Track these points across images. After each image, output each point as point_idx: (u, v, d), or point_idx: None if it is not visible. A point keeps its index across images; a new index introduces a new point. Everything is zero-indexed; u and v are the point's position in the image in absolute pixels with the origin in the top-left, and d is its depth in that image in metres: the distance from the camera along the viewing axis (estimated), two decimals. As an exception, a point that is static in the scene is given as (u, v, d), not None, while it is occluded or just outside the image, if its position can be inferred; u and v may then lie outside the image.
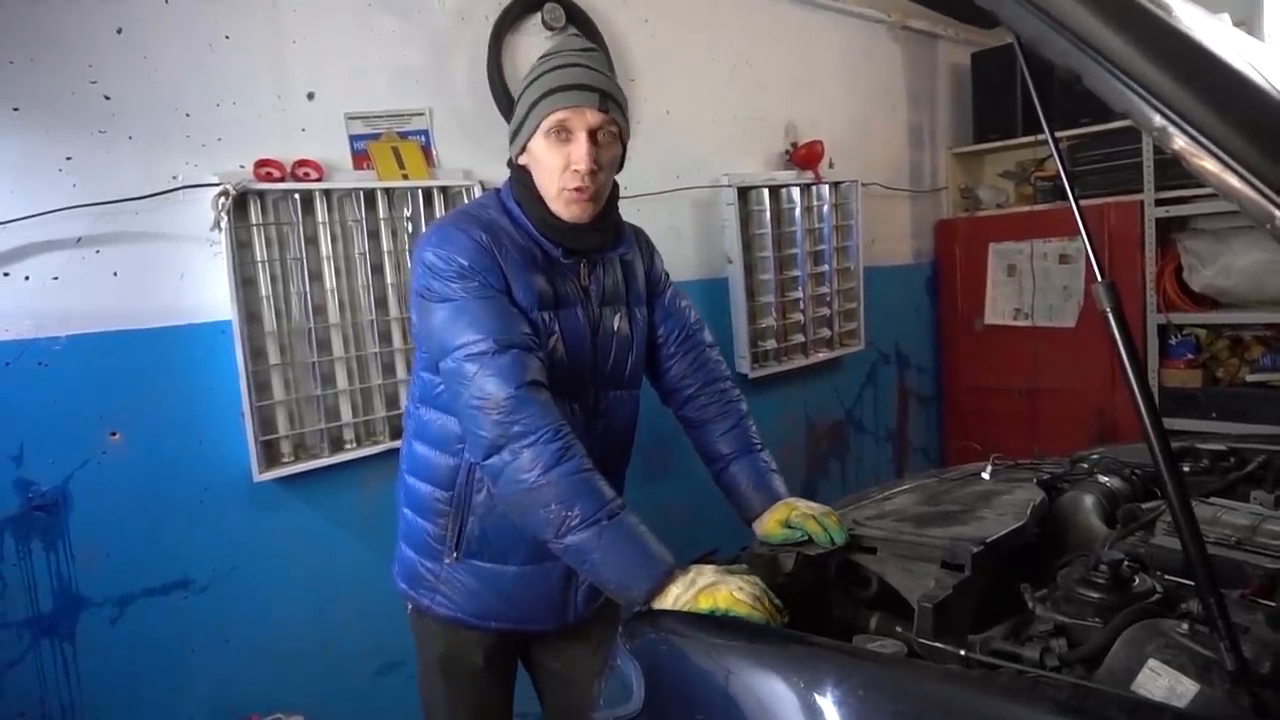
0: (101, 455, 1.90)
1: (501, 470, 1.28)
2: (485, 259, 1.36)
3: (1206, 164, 0.65)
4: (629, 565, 1.24)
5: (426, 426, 1.48)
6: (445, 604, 1.52)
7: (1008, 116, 3.94)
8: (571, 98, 1.36)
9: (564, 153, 1.37)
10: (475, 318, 1.31)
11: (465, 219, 1.41)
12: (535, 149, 1.40)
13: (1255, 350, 3.35)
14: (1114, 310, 0.82)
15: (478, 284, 1.34)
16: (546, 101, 1.36)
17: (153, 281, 1.96)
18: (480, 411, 1.28)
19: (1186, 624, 0.94)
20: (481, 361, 1.29)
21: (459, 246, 1.36)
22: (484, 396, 1.28)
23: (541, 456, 1.24)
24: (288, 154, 2.10)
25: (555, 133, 1.37)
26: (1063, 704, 0.83)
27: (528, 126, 1.39)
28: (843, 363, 3.72)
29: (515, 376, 1.28)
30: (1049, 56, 0.73)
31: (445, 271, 1.35)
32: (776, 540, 1.45)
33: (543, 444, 1.25)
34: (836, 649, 1.05)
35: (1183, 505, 0.81)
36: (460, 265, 1.34)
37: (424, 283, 1.37)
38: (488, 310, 1.32)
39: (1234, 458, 1.76)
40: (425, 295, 1.37)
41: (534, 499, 1.25)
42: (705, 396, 1.64)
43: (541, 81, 1.38)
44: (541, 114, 1.37)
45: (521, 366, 1.29)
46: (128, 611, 1.93)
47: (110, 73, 1.88)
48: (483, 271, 1.35)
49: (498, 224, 1.42)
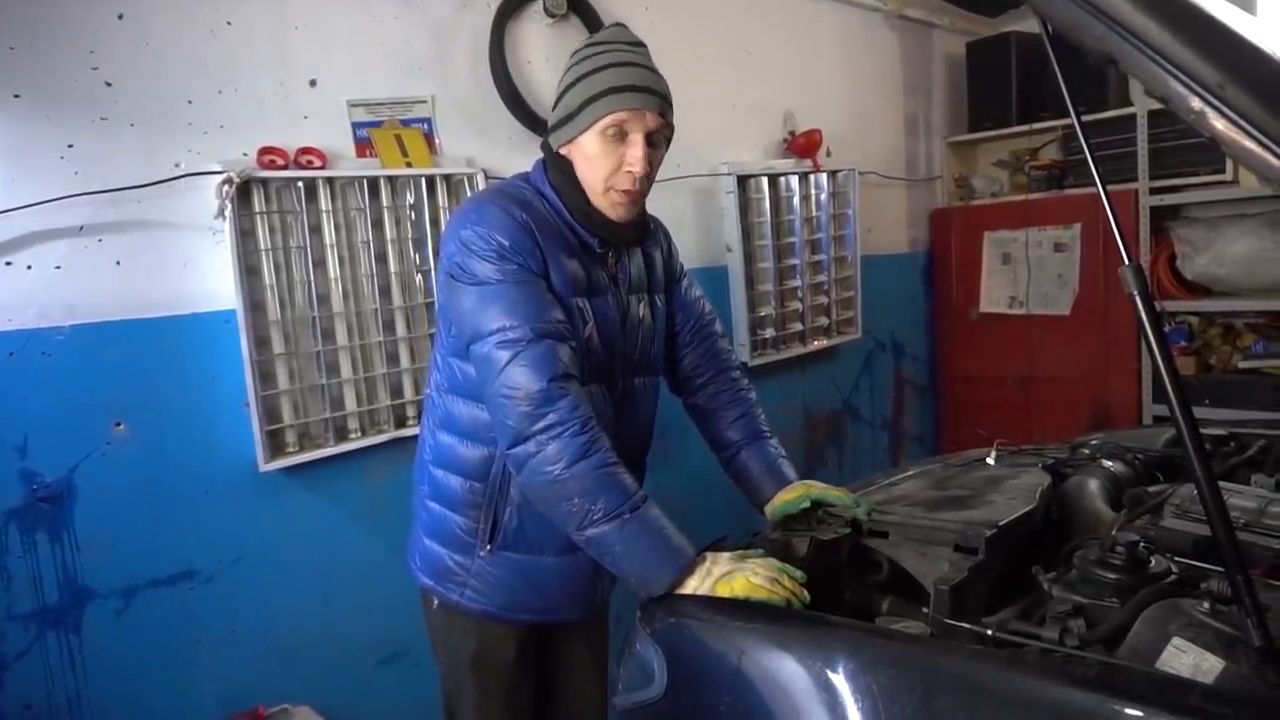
0: (106, 446, 1.88)
1: (526, 461, 1.27)
2: (526, 239, 1.33)
3: (1247, 145, 0.66)
4: (650, 559, 1.24)
5: (455, 417, 1.46)
6: (475, 598, 1.50)
7: (1002, 106, 3.95)
8: (634, 99, 1.34)
9: (618, 153, 1.36)
10: (511, 303, 1.29)
11: (503, 196, 1.38)
12: (586, 144, 1.37)
13: (1247, 338, 3.39)
14: (1140, 293, 0.83)
15: (516, 266, 1.32)
16: (606, 100, 1.33)
17: (156, 270, 1.94)
18: (510, 401, 1.27)
19: (1208, 603, 0.95)
20: (515, 349, 1.27)
21: (499, 225, 1.33)
22: (515, 386, 1.26)
23: (567, 450, 1.24)
24: (291, 142, 2.08)
25: (612, 132, 1.35)
26: (1092, 680, 0.84)
27: (581, 120, 1.36)
28: (840, 351, 3.73)
29: (548, 368, 1.27)
30: (1084, 42, 0.74)
31: (484, 250, 1.32)
32: (792, 505, 1.46)
33: (569, 437, 1.24)
34: (863, 630, 1.06)
35: (1210, 484, 0.82)
36: (500, 244, 1.32)
37: (458, 260, 1.34)
38: (524, 295, 1.30)
39: (1234, 442, 1.79)
40: (458, 275, 1.34)
41: (558, 491, 1.25)
42: (717, 385, 1.66)
43: (599, 77, 1.34)
44: (599, 112, 1.34)
45: (554, 357, 1.28)
46: (133, 603, 1.92)
47: (111, 59, 1.86)
48: (523, 253, 1.32)
49: (534, 205, 1.40)
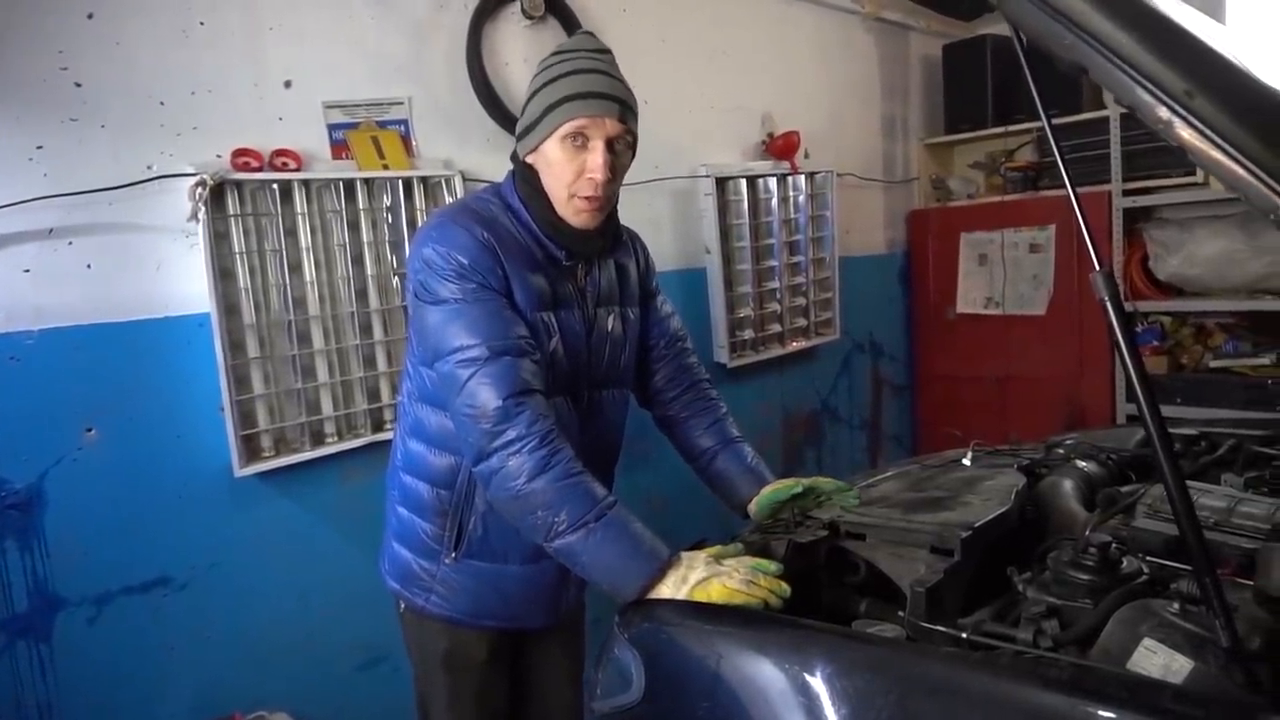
0: (77, 452, 1.86)
1: (490, 477, 1.28)
2: (487, 258, 1.34)
3: (1212, 154, 0.67)
4: (617, 566, 1.25)
5: (424, 424, 1.47)
6: (440, 604, 1.52)
7: (978, 108, 3.99)
8: (592, 107, 1.34)
9: (579, 160, 1.36)
10: (470, 321, 1.30)
11: (467, 214, 1.39)
12: (548, 152, 1.38)
13: (1218, 337, 3.44)
14: (1112, 299, 0.84)
15: (476, 285, 1.33)
16: (566, 107, 1.34)
17: (128, 274, 1.92)
18: (470, 419, 1.28)
19: (1178, 603, 0.97)
20: (474, 368, 1.28)
21: (460, 244, 1.34)
22: (474, 405, 1.28)
23: (527, 465, 1.25)
24: (265, 143, 2.06)
25: (572, 139, 1.35)
26: (1065, 683, 0.85)
27: (542, 128, 1.37)
28: (818, 352, 3.75)
29: (506, 385, 1.27)
30: (1054, 50, 0.75)
31: (443, 269, 1.33)
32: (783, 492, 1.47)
33: (528, 452, 1.25)
34: (838, 634, 1.07)
35: (1179, 486, 0.83)
36: (460, 263, 1.33)
37: (420, 279, 1.36)
38: (483, 313, 1.31)
39: (1204, 442, 1.81)
40: (420, 294, 1.36)
41: (522, 505, 1.26)
42: (688, 396, 1.67)
43: (560, 84, 1.35)
44: (560, 119, 1.35)
45: (513, 374, 1.29)
46: (106, 611, 1.90)
47: (81, 59, 1.83)
48: (483, 271, 1.33)
49: (499, 221, 1.40)
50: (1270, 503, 1.34)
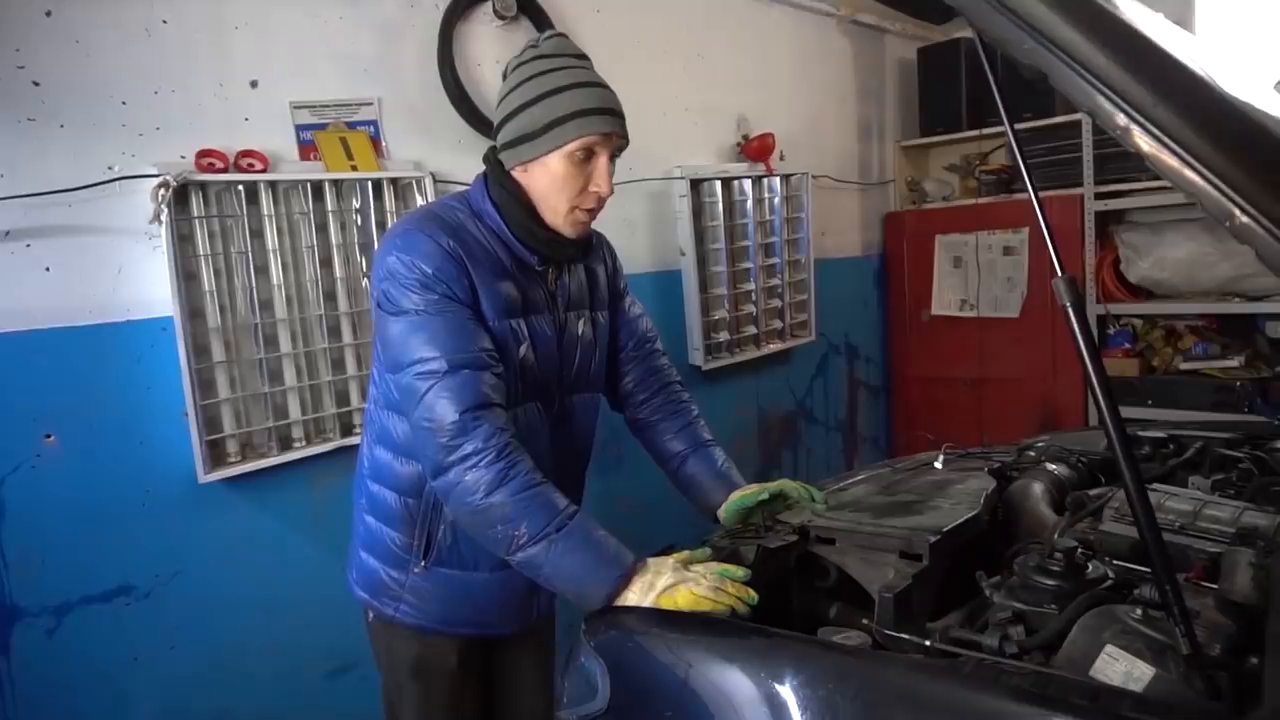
0: (35, 459, 1.82)
1: (449, 492, 1.27)
2: (451, 267, 1.32)
3: (1169, 161, 0.66)
4: (580, 576, 1.23)
5: (391, 432, 1.45)
6: (410, 613, 1.50)
7: (952, 111, 4.01)
8: (605, 123, 1.34)
9: (584, 173, 1.36)
10: (432, 334, 1.29)
11: (432, 222, 1.36)
12: (553, 165, 1.35)
13: (1188, 340, 3.47)
14: (1074, 305, 0.83)
15: (439, 296, 1.31)
16: (578, 123, 1.32)
17: (88, 277, 1.88)
18: (428, 433, 1.27)
19: (1140, 609, 0.96)
20: (433, 380, 1.27)
21: (424, 252, 1.31)
22: (431, 419, 1.26)
23: (485, 478, 1.23)
24: (231, 144, 2.03)
25: (580, 155, 1.34)
26: (1026, 691, 0.85)
27: (546, 141, 1.34)
28: (794, 354, 3.75)
29: (464, 399, 1.26)
30: (1015, 55, 0.74)
31: (406, 279, 1.31)
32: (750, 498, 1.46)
33: (484, 467, 1.24)
34: (801, 642, 1.06)
35: (1140, 495, 0.83)
36: (424, 273, 1.30)
37: (382, 288, 1.34)
38: (444, 326, 1.29)
39: (1172, 444, 1.83)
40: (381, 303, 1.34)
41: (482, 519, 1.25)
42: (659, 399, 1.66)
43: (565, 98, 1.33)
44: (570, 134, 1.33)
45: (471, 387, 1.27)
46: (66, 621, 1.86)
47: (39, 58, 1.79)
48: (447, 280, 1.31)
49: (465, 228, 1.38)
50: (1236, 506, 1.35)
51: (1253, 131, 0.70)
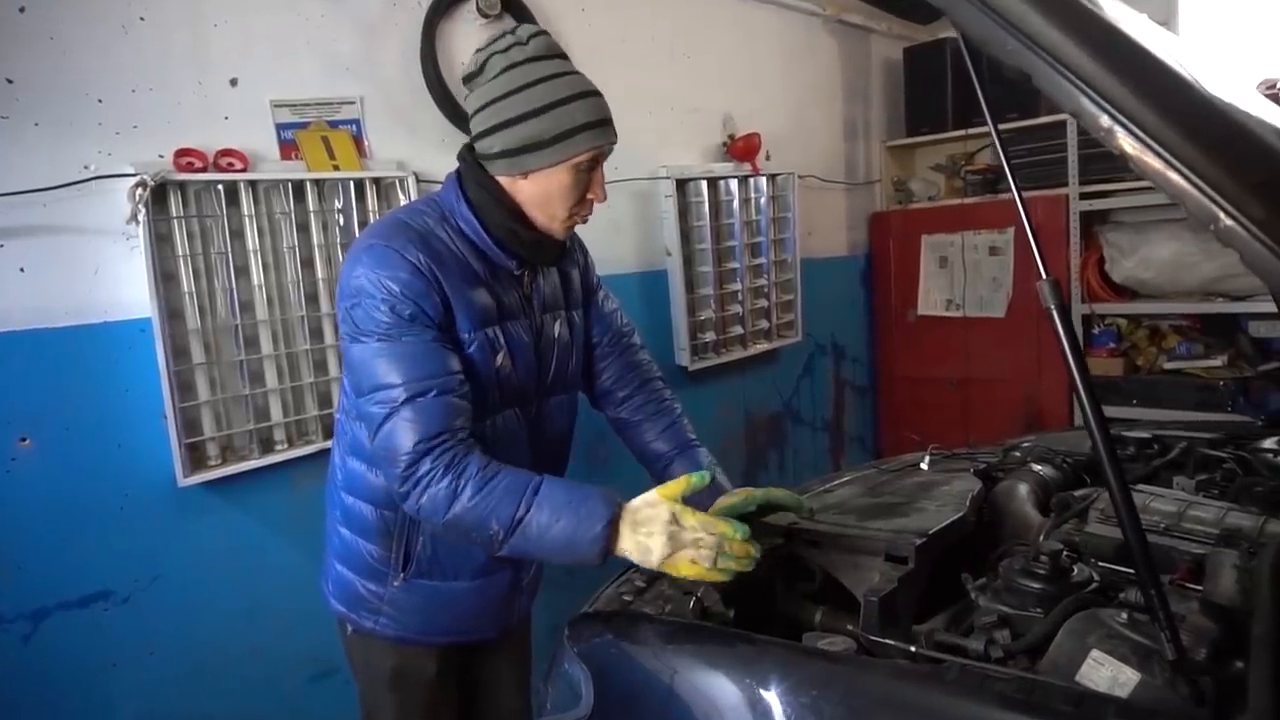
0: (10, 462, 1.79)
1: (417, 513, 1.26)
2: (419, 283, 1.28)
3: (1152, 163, 0.66)
4: (568, 543, 1.20)
5: (362, 444, 1.41)
6: (390, 625, 1.48)
7: (938, 110, 4.02)
8: (609, 135, 1.34)
9: (584, 183, 1.35)
10: (394, 359, 1.26)
11: (400, 234, 1.31)
12: (560, 176, 1.33)
13: (1172, 340, 3.49)
14: (1058, 307, 0.83)
15: (405, 318, 1.27)
16: (584, 137, 1.30)
17: (64, 277, 1.85)
18: (385, 460, 1.26)
19: (1125, 613, 0.96)
20: (390, 409, 1.25)
21: (392, 270, 1.27)
22: (388, 447, 1.25)
23: (440, 495, 1.22)
24: (210, 143, 2.00)
25: (585, 166, 1.34)
26: (1010, 698, 0.84)
27: (555, 152, 1.31)
28: (780, 354, 3.75)
29: (421, 428, 1.23)
30: (999, 56, 0.73)
31: (372, 299, 1.26)
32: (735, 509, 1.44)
33: (435, 484, 1.22)
34: (786, 648, 1.05)
35: (1125, 501, 0.82)
36: (390, 291, 1.26)
37: (345, 307, 1.30)
38: (408, 351, 1.26)
39: (1157, 445, 1.83)
40: (343, 324, 1.31)
41: (456, 531, 1.25)
42: (641, 396, 1.63)
43: (572, 109, 1.30)
44: (580, 147, 1.31)
45: (430, 415, 1.24)
46: (42, 627, 1.83)
47: (13, 55, 1.76)
48: (415, 299, 1.27)
49: (434, 235, 1.34)
50: (1220, 506, 1.35)
51: (1237, 134, 0.69)
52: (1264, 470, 1.58)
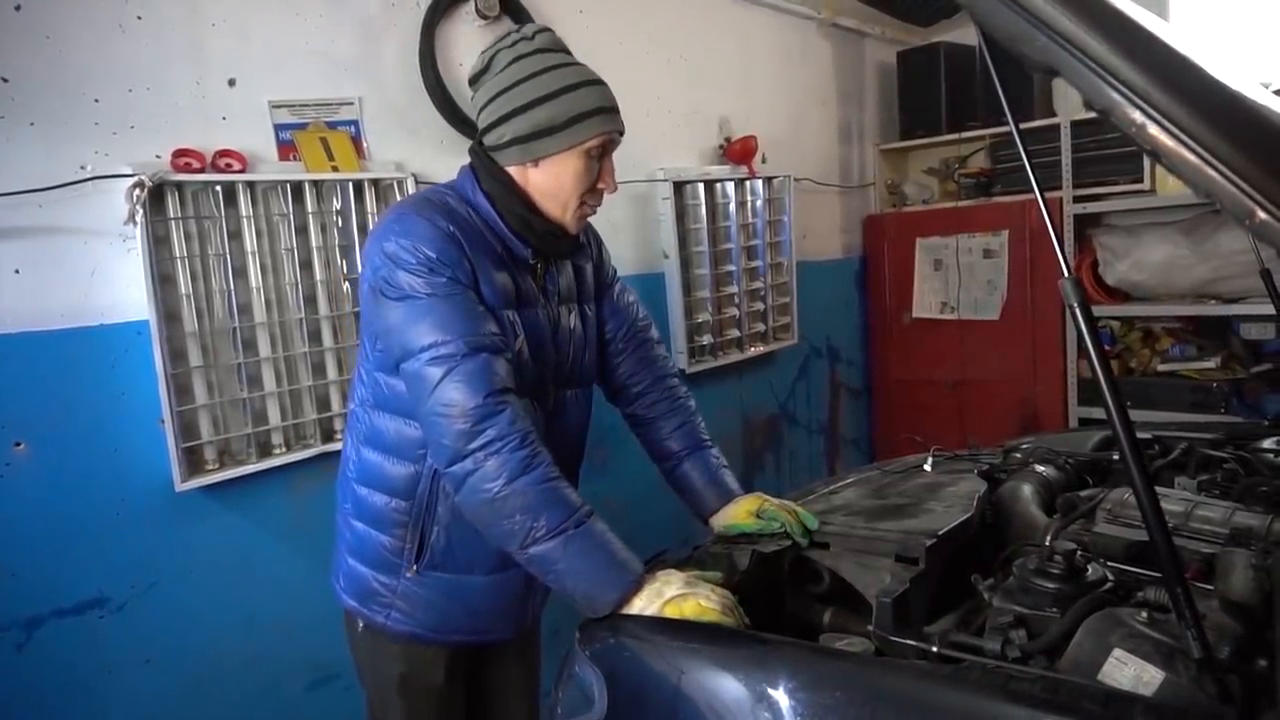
0: (4, 467, 1.76)
1: (465, 479, 1.22)
2: (454, 250, 1.28)
3: (1186, 158, 0.65)
4: (595, 576, 1.20)
5: (381, 433, 1.41)
6: (402, 620, 1.45)
7: (932, 114, 4.03)
8: (617, 121, 1.35)
9: (594, 171, 1.36)
10: (441, 317, 1.24)
11: (428, 206, 1.33)
12: (570, 162, 1.34)
13: (1165, 341, 3.51)
14: (1080, 305, 0.83)
15: (445, 279, 1.26)
16: (595, 121, 1.32)
17: (60, 279, 1.82)
18: (445, 419, 1.22)
19: (1145, 612, 0.96)
20: (448, 365, 1.22)
21: (425, 236, 1.27)
22: (450, 404, 1.21)
23: (507, 466, 1.19)
24: (208, 144, 1.98)
25: (596, 152, 1.35)
26: (1036, 697, 0.84)
27: (565, 137, 1.32)
28: (776, 357, 3.75)
29: (484, 383, 1.22)
30: (1026, 52, 0.73)
31: (409, 263, 1.26)
32: (749, 528, 1.44)
33: (509, 452, 1.20)
34: (807, 650, 1.04)
35: (1150, 498, 0.82)
36: (427, 256, 1.26)
37: (383, 275, 1.28)
38: (454, 308, 1.25)
39: (1157, 445, 1.83)
40: (383, 290, 1.28)
41: (498, 510, 1.20)
42: (654, 394, 1.62)
43: (581, 95, 1.32)
44: (592, 130, 1.32)
45: (490, 371, 1.23)
46: (37, 634, 1.80)
47: (8, 54, 1.74)
48: (451, 264, 1.27)
49: (459, 213, 1.35)
50: (1226, 506, 1.35)
51: (1269, 129, 0.69)
52: (1265, 470, 1.58)
